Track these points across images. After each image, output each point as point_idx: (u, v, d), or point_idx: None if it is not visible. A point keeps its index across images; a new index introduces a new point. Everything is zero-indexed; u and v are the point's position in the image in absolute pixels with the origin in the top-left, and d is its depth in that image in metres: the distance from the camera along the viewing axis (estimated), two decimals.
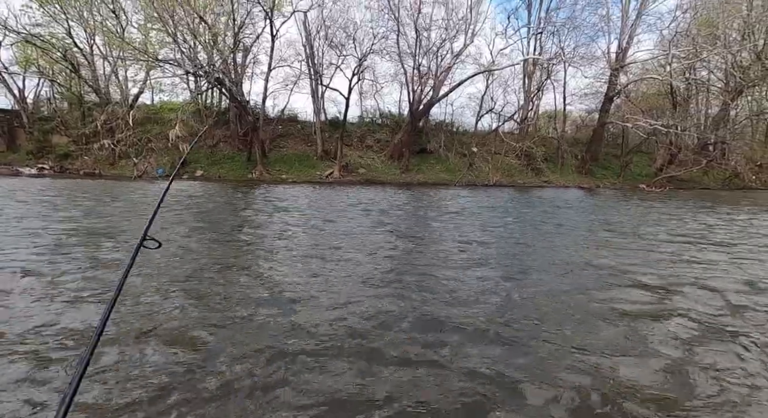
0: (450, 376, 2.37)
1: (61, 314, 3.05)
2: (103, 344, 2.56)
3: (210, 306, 3.35)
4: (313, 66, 20.74)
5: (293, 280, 4.17)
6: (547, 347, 2.76)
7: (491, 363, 2.52)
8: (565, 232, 7.53)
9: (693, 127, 21.61)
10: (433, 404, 2.10)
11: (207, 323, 3.00)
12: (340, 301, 3.52)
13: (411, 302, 3.57)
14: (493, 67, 21.59)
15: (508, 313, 3.35)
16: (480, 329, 3.02)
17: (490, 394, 2.20)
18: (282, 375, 2.29)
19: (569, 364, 2.54)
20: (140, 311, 3.18)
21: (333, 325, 3.02)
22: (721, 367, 2.58)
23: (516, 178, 21.47)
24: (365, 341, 2.77)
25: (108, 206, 8.94)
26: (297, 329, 2.87)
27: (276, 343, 2.69)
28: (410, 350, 2.69)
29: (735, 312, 3.49)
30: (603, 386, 2.31)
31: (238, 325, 2.99)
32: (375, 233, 6.80)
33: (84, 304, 3.26)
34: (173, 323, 2.97)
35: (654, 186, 20.74)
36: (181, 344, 2.66)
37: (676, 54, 19.47)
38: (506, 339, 2.86)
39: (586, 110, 26.59)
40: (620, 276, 4.51)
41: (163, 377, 2.26)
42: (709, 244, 6.48)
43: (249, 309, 3.29)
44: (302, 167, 20.04)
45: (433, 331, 2.98)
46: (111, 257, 4.75)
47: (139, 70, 19.94)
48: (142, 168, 17.59)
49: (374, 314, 3.25)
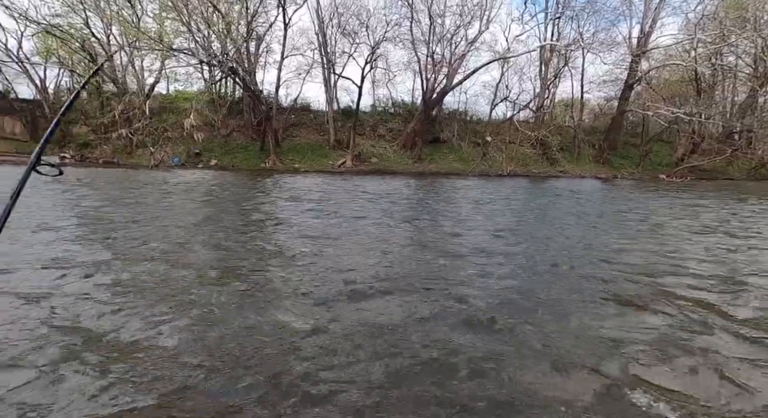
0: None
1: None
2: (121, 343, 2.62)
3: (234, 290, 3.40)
4: (325, 54, 20.62)
5: (320, 274, 4.20)
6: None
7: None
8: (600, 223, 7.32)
9: (718, 115, 20.84)
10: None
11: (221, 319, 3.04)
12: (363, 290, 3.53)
13: (444, 300, 3.55)
14: (509, 54, 21.10)
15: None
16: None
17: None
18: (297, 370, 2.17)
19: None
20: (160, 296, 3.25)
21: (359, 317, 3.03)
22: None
23: (530, 168, 21.11)
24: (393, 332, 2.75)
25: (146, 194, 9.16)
26: (319, 330, 2.64)
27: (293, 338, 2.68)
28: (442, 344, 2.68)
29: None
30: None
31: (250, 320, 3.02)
32: (393, 224, 6.79)
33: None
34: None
35: (675, 176, 20.14)
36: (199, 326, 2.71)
37: (702, 38, 18.66)
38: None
39: (605, 98, 25.86)
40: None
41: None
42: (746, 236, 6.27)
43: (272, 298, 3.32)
44: (315, 157, 20.08)
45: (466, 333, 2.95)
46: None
47: (154, 60, 20.16)
48: (159, 157, 17.87)
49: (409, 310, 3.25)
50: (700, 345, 2.53)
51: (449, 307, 3.05)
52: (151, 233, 5.17)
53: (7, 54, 18.72)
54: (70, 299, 2.94)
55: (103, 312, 2.73)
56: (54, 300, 2.91)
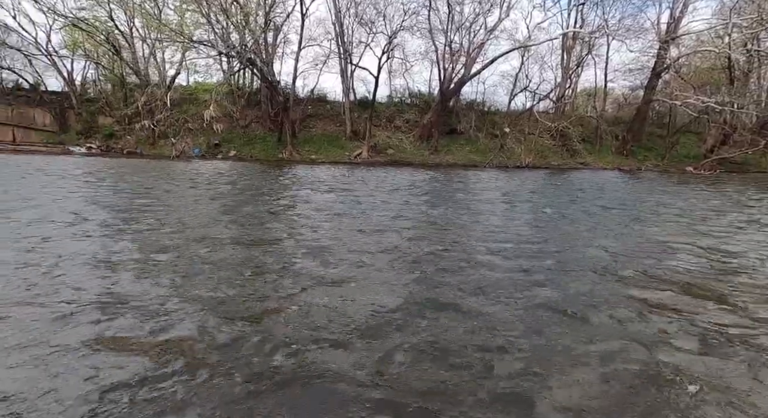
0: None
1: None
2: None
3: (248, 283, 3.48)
4: (342, 44, 20.54)
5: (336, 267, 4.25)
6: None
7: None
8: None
9: (752, 104, 19.78)
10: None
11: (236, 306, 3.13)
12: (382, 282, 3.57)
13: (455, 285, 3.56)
14: (530, 42, 20.52)
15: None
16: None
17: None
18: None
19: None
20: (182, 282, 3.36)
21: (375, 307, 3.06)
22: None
23: (550, 160, 20.64)
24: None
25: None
26: (341, 313, 2.71)
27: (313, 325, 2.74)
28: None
29: None
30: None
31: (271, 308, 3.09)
32: (411, 215, 6.79)
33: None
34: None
35: (703, 168, 19.33)
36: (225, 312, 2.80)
37: (738, 23, 17.65)
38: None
39: (630, 87, 24.91)
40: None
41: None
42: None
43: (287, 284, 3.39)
44: (331, 148, 20.17)
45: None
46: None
47: (175, 52, 20.52)
48: (180, 148, 18.30)
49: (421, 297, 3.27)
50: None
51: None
52: (179, 222, 5.33)
53: (36, 47, 19.40)
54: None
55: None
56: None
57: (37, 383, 1.83)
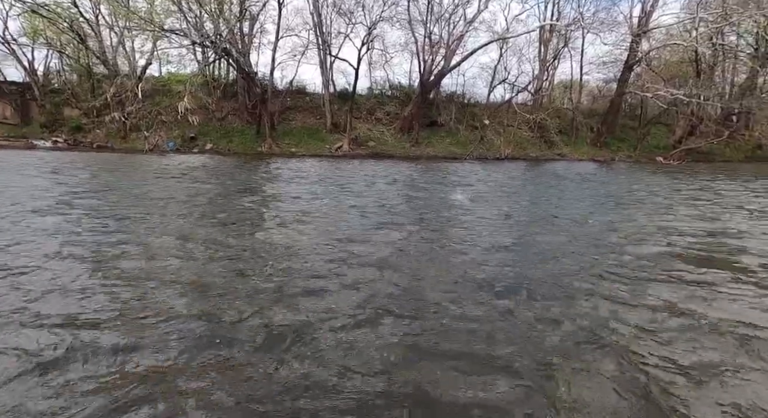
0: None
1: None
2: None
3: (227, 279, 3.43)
4: (321, 35, 20.18)
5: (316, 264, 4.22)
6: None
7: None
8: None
9: (716, 96, 20.67)
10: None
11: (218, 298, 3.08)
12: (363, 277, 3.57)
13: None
14: (508, 34, 20.71)
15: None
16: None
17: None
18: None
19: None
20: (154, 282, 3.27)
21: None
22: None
23: (528, 151, 21.04)
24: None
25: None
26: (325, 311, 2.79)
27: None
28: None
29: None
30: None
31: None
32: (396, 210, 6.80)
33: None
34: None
35: (672, 158, 20.15)
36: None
37: (704, 17, 18.34)
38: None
39: (604, 80, 25.60)
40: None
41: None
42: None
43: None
44: (311, 140, 19.90)
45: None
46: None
47: (145, 41, 19.64)
48: (154, 141, 17.66)
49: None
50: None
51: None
52: (149, 225, 5.17)
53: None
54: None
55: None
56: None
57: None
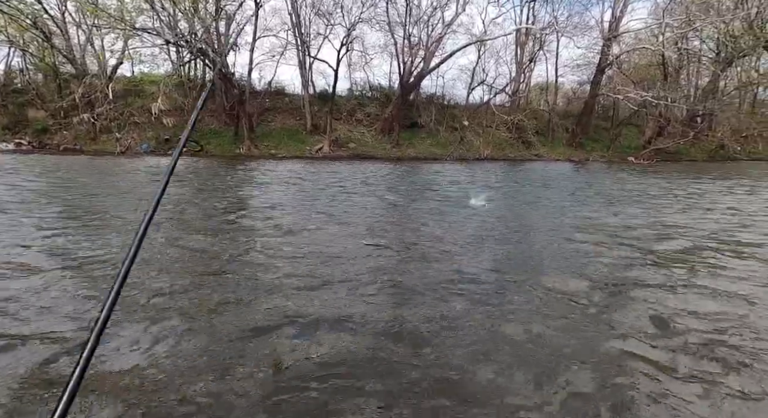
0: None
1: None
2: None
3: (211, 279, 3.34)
4: (300, 36, 20.01)
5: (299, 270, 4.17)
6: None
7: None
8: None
9: (682, 98, 21.63)
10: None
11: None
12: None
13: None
14: (485, 37, 21.09)
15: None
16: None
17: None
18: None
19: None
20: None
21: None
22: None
23: (507, 152, 21.45)
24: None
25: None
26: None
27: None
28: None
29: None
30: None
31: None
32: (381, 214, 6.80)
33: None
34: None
35: (642, 158, 20.96)
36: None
37: (670, 23, 19.19)
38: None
39: (578, 82, 26.42)
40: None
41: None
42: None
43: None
44: (291, 142, 19.67)
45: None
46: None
47: (116, 40, 18.95)
48: (126, 143, 17.06)
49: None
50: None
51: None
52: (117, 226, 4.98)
53: None
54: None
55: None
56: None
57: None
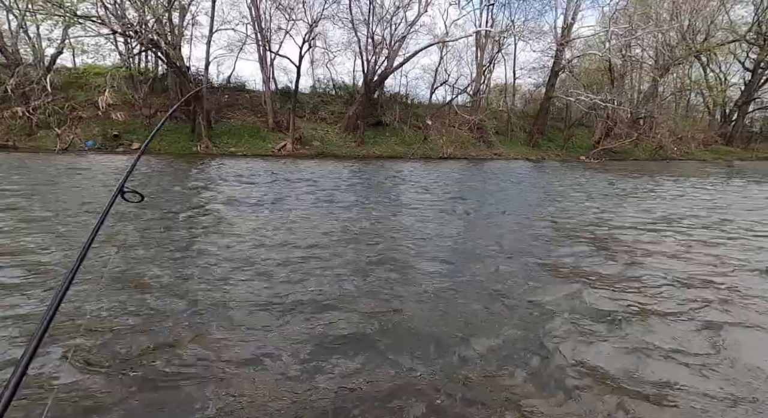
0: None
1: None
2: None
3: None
4: (260, 30, 19.40)
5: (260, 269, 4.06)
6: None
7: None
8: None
9: (627, 102, 23.29)
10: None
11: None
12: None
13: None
14: (447, 38, 21.52)
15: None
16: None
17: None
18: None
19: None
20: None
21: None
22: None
23: (469, 151, 22.04)
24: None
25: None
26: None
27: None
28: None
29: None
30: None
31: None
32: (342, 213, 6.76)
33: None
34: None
35: (592, 157, 22.34)
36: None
37: (615, 31, 20.59)
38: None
39: (534, 84, 27.63)
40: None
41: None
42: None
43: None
44: (252, 140, 19.07)
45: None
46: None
47: (54, 27, 17.42)
48: (68, 139, 15.77)
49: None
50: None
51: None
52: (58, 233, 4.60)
53: None
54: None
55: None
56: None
57: None
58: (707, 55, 24.98)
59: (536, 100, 27.30)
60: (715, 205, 7.79)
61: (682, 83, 27.98)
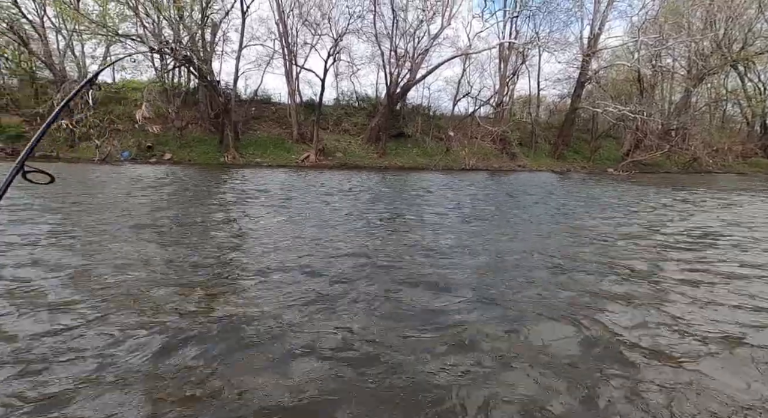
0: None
1: None
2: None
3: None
4: (287, 45, 20.06)
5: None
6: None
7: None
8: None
9: (657, 113, 22.53)
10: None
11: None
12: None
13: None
14: (470, 50, 21.56)
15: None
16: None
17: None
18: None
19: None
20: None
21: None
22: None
23: (491, 163, 21.81)
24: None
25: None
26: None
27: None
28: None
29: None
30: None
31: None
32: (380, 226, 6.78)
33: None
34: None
35: (621, 170, 21.62)
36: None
37: (645, 41, 20.05)
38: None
39: (559, 96, 27.16)
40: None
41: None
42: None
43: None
44: (277, 151, 19.56)
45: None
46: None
47: (97, 46, 18.62)
48: (106, 151, 16.64)
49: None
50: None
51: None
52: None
53: None
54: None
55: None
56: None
57: None
58: (744, 64, 23.92)
59: (561, 111, 26.81)
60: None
61: (717, 93, 26.85)
